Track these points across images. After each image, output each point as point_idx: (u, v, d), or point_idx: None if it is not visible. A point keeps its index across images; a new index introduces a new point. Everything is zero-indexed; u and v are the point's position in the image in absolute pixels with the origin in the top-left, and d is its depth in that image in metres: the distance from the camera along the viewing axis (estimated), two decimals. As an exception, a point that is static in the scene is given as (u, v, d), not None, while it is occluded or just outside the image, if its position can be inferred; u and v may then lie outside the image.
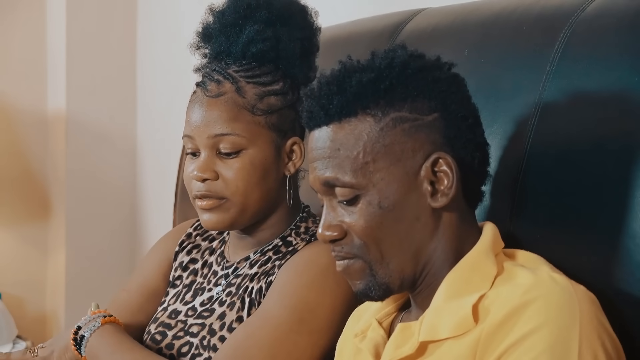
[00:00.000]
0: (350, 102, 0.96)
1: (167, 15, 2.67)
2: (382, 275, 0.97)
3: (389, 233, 0.96)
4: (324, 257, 1.22)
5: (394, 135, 0.95)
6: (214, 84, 1.26)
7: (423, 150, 0.95)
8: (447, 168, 0.95)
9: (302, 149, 1.30)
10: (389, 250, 0.96)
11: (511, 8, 1.23)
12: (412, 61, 0.98)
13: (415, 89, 0.96)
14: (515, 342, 0.86)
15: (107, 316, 1.31)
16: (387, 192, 0.95)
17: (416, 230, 0.96)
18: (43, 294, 2.78)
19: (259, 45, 1.26)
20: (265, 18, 1.27)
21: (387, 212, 0.95)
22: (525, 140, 1.10)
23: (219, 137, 1.24)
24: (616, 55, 1.03)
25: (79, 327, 1.30)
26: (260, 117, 1.25)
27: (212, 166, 1.25)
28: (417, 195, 0.96)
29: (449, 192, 0.95)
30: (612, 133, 1.00)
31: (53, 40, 2.70)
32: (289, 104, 1.28)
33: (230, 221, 1.27)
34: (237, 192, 1.25)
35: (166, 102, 2.66)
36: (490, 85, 1.05)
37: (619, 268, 0.97)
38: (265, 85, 1.27)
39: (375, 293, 0.99)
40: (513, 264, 0.97)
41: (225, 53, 1.29)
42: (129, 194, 2.80)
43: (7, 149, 2.65)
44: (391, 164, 0.95)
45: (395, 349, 0.97)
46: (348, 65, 0.99)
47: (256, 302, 1.26)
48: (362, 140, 0.96)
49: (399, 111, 0.95)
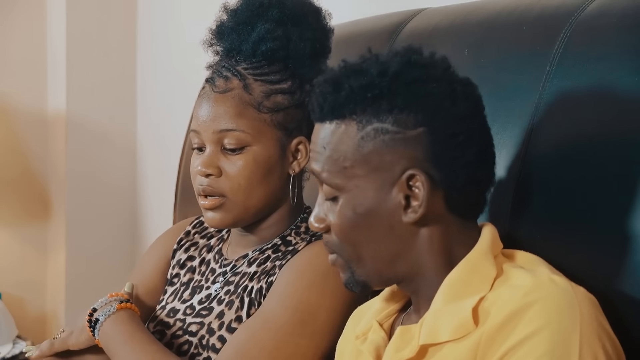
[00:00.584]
0: (340, 105, 0.96)
1: (167, 15, 2.67)
2: (360, 274, 0.99)
3: (364, 238, 0.97)
4: (325, 258, 1.21)
5: (374, 145, 0.95)
6: (222, 80, 1.27)
7: (401, 165, 0.94)
8: (420, 186, 0.94)
9: (308, 148, 1.30)
10: (365, 253, 0.98)
11: (511, 8, 1.23)
12: (407, 71, 0.95)
13: (403, 101, 0.94)
14: (515, 345, 0.85)
15: (124, 301, 1.30)
16: (361, 198, 0.96)
17: (391, 239, 0.97)
18: (43, 294, 2.78)
19: (269, 43, 1.27)
20: (277, 17, 1.27)
21: (361, 218, 0.96)
22: (525, 140, 1.10)
23: (224, 132, 1.24)
24: (616, 55, 1.03)
25: (94, 309, 1.30)
26: (266, 115, 1.26)
27: (216, 162, 1.25)
28: (392, 206, 0.95)
29: (418, 210, 0.95)
30: (613, 133, 1.00)
31: (53, 40, 2.69)
32: (296, 103, 1.28)
33: (233, 219, 1.27)
34: (239, 189, 1.25)
35: (166, 102, 2.66)
36: (490, 85, 1.05)
37: (619, 268, 0.97)
38: (273, 83, 1.27)
39: (354, 288, 1.01)
40: (512, 265, 0.96)
41: (236, 50, 1.29)
42: (129, 194, 2.80)
43: (7, 149, 2.65)
44: (369, 173, 0.95)
45: (395, 353, 0.97)
46: (348, 65, 0.99)
47: (256, 302, 1.26)
48: (344, 145, 0.96)
49: (382, 122, 0.94)
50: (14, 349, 2.42)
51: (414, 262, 0.98)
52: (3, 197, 2.64)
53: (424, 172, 0.94)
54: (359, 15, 1.67)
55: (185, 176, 1.88)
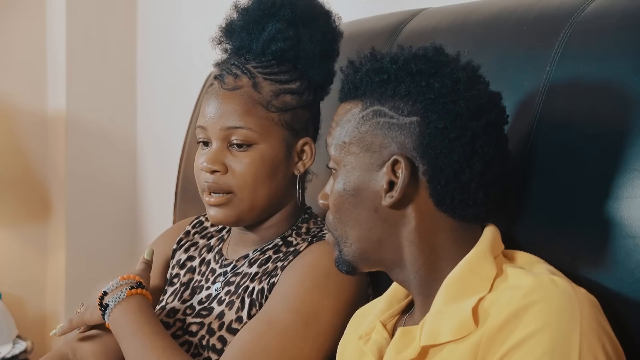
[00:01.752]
0: (355, 86, 1.02)
1: (167, 15, 2.67)
2: (346, 252, 1.03)
3: (350, 216, 1.01)
4: (327, 260, 1.21)
5: (370, 126, 0.99)
6: (231, 77, 1.27)
7: (390, 149, 0.97)
8: (400, 173, 0.96)
9: (313, 149, 1.30)
10: (350, 232, 1.01)
11: (511, 8, 1.23)
12: (416, 62, 0.98)
13: (406, 89, 0.97)
14: (515, 345, 0.85)
15: (135, 287, 1.27)
16: (351, 176, 1.00)
17: (376, 222, 0.99)
18: (43, 294, 2.78)
19: (280, 43, 1.27)
20: (289, 17, 1.28)
21: (349, 196, 1.00)
22: (526, 140, 1.10)
23: (232, 129, 1.25)
24: (616, 55, 1.03)
25: (105, 292, 1.27)
26: (274, 114, 1.26)
27: (222, 159, 1.25)
28: (377, 188, 0.98)
29: (394, 194, 0.97)
30: (613, 134, 1.00)
31: (53, 40, 2.69)
32: (304, 103, 1.29)
33: (237, 217, 1.27)
34: (245, 186, 1.25)
35: (166, 102, 2.66)
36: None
37: (620, 268, 0.97)
38: (282, 83, 1.27)
39: (341, 267, 1.05)
40: (512, 265, 0.96)
41: (245, 49, 1.30)
42: (129, 194, 2.80)
43: (7, 149, 2.65)
44: (361, 152, 1.00)
45: (396, 354, 0.97)
46: (372, 52, 1.04)
47: (257, 303, 1.26)
48: (349, 123, 1.01)
49: (382, 105, 0.99)
50: (14, 349, 2.42)
51: (397, 249, 1.00)
52: (3, 197, 2.64)
53: (409, 160, 0.96)
54: (359, 15, 1.67)
55: (185, 176, 1.88)
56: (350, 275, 1.09)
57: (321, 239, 1.28)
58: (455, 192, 0.97)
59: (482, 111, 0.97)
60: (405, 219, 0.98)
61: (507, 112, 1.03)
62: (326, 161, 1.07)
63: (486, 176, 0.97)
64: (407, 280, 1.01)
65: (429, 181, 0.96)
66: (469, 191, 0.97)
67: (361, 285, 1.26)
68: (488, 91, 1.00)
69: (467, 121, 0.95)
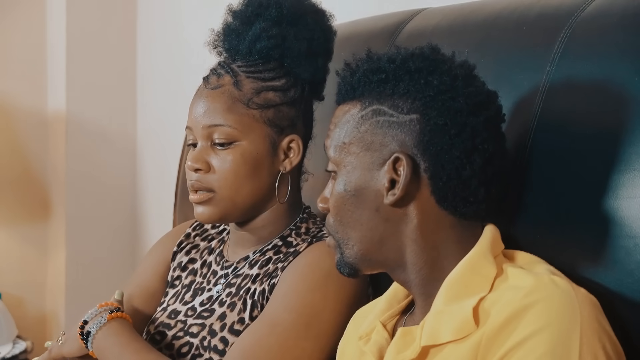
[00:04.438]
0: (353, 87, 1.02)
1: (167, 16, 2.67)
2: (348, 255, 1.02)
3: (352, 217, 1.00)
4: (327, 260, 1.22)
5: (369, 125, 0.99)
6: (214, 77, 1.29)
7: (390, 147, 0.97)
8: (402, 170, 0.96)
9: (300, 147, 1.30)
10: (352, 234, 1.01)
11: (511, 8, 1.23)
12: (413, 61, 0.99)
13: (404, 87, 0.98)
14: (516, 345, 0.85)
15: (114, 311, 1.30)
16: (351, 176, 1.00)
17: (377, 222, 0.99)
18: (43, 294, 2.78)
19: (264, 42, 1.28)
20: (274, 16, 1.29)
21: (350, 196, 1.00)
22: (526, 140, 1.10)
23: (213, 127, 1.26)
24: (616, 55, 1.03)
25: (85, 321, 1.29)
26: (255, 111, 1.26)
27: (205, 157, 1.26)
28: (378, 187, 0.98)
29: (396, 192, 0.97)
30: (613, 133, 1.00)
31: (53, 40, 2.70)
32: (289, 100, 1.29)
33: (221, 214, 1.28)
34: (226, 184, 1.26)
35: (166, 102, 2.66)
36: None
37: (620, 268, 0.97)
38: (265, 80, 1.28)
39: (343, 270, 1.04)
40: (513, 265, 0.97)
41: (234, 50, 1.32)
42: (129, 194, 2.81)
43: (7, 149, 2.65)
44: (361, 151, 0.99)
45: (396, 354, 0.97)
46: (368, 53, 1.04)
47: (259, 304, 1.26)
48: (348, 123, 1.01)
49: (381, 104, 0.99)
50: (14, 349, 2.43)
51: (399, 249, 0.99)
52: (3, 197, 2.64)
53: (410, 157, 0.96)
54: (359, 15, 1.67)
55: (185, 176, 1.88)
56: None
57: (321, 239, 1.28)
58: (457, 188, 0.97)
59: (481, 107, 0.98)
60: (407, 218, 0.98)
61: (506, 112, 1.03)
62: (325, 164, 1.07)
63: (486, 172, 0.98)
64: (409, 280, 1.01)
65: (431, 178, 0.97)
66: (470, 187, 0.97)
67: (361, 285, 1.26)
68: (485, 89, 1.01)
69: (467, 117, 0.96)
